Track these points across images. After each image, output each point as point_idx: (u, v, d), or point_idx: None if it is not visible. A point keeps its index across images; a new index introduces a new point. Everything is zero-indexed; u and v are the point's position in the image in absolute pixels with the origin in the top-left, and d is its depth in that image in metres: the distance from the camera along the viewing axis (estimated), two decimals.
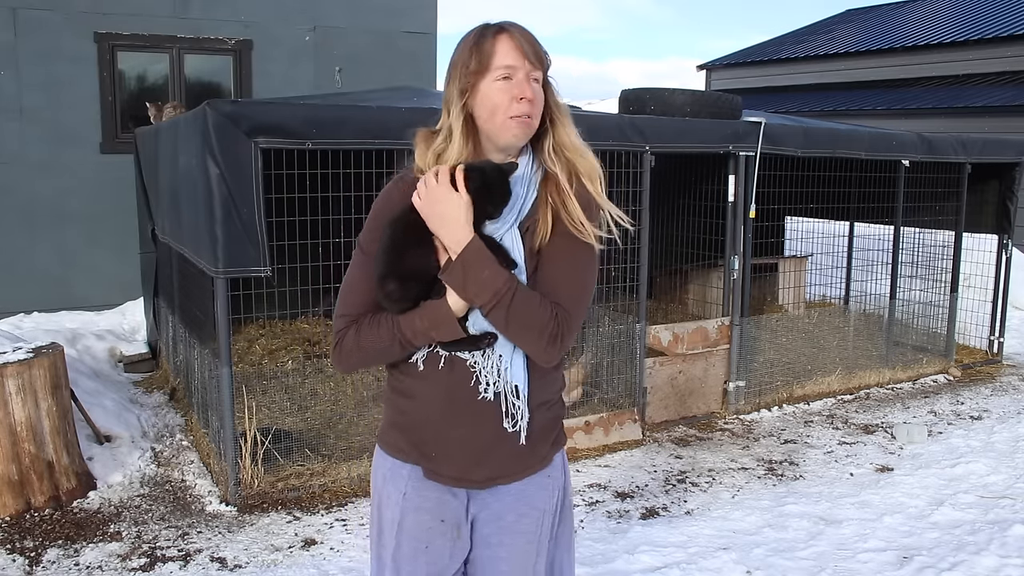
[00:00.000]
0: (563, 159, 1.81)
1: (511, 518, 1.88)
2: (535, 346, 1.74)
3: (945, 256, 7.29)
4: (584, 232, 1.77)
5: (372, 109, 4.38)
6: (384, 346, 1.77)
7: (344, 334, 1.80)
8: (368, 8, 8.81)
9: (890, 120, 14.30)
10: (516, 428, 1.81)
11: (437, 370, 1.79)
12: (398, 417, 1.88)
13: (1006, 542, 3.94)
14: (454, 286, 1.70)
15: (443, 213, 1.69)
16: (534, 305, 1.71)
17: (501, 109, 1.73)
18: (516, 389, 1.79)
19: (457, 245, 1.69)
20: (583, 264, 1.80)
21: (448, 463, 1.82)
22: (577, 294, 1.79)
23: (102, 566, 3.61)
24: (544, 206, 1.78)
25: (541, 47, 1.75)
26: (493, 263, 1.69)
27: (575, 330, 1.78)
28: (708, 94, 5.98)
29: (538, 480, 1.90)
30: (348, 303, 1.82)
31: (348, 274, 1.84)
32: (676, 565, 3.66)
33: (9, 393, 3.96)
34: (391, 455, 1.89)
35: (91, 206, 7.79)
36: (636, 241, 5.28)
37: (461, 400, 1.79)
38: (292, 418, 5.29)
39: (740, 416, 5.79)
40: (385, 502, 1.90)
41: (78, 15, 7.68)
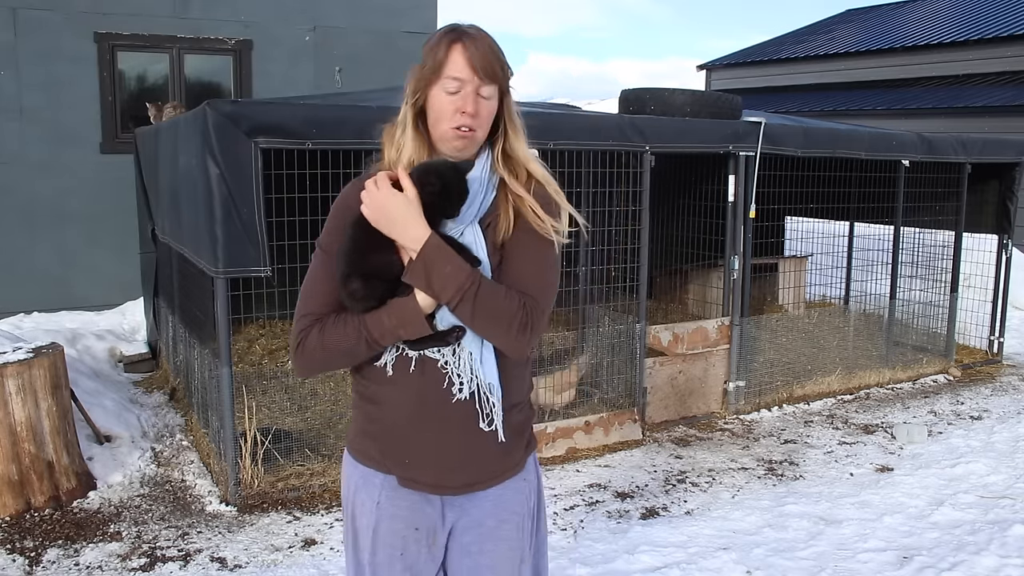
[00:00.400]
0: (515, 165, 1.84)
1: (491, 524, 1.87)
2: (505, 337, 1.73)
3: (945, 256, 7.29)
4: (547, 226, 1.79)
5: (372, 109, 4.38)
6: (349, 346, 1.74)
7: (307, 334, 1.77)
8: (368, 8, 8.81)
9: (890, 120, 14.30)
10: (492, 427, 1.80)
11: (408, 374, 1.78)
12: (368, 425, 1.86)
13: (1006, 542, 3.94)
14: (418, 284, 1.70)
15: (391, 215, 1.69)
16: (500, 296, 1.71)
17: (444, 118, 1.76)
18: (490, 386, 1.78)
19: (415, 243, 1.69)
20: (546, 256, 1.81)
21: (423, 470, 1.81)
22: (543, 284, 1.79)
23: (102, 566, 3.61)
24: (505, 203, 1.80)
25: (498, 60, 1.76)
26: (455, 258, 1.69)
27: (543, 320, 1.78)
28: (708, 94, 5.98)
29: (515, 484, 1.90)
30: (310, 303, 1.80)
31: (309, 274, 1.83)
32: (676, 565, 3.66)
33: (9, 393, 3.96)
34: (362, 463, 1.87)
35: (91, 206, 7.79)
36: (636, 241, 5.28)
37: (432, 404, 1.78)
38: (292, 418, 5.29)
39: (740, 416, 5.79)
40: (359, 510, 1.88)
41: (78, 15, 7.68)
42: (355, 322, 1.74)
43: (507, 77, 1.80)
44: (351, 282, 1.73)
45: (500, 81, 1.77)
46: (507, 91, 1.82)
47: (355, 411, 1.91)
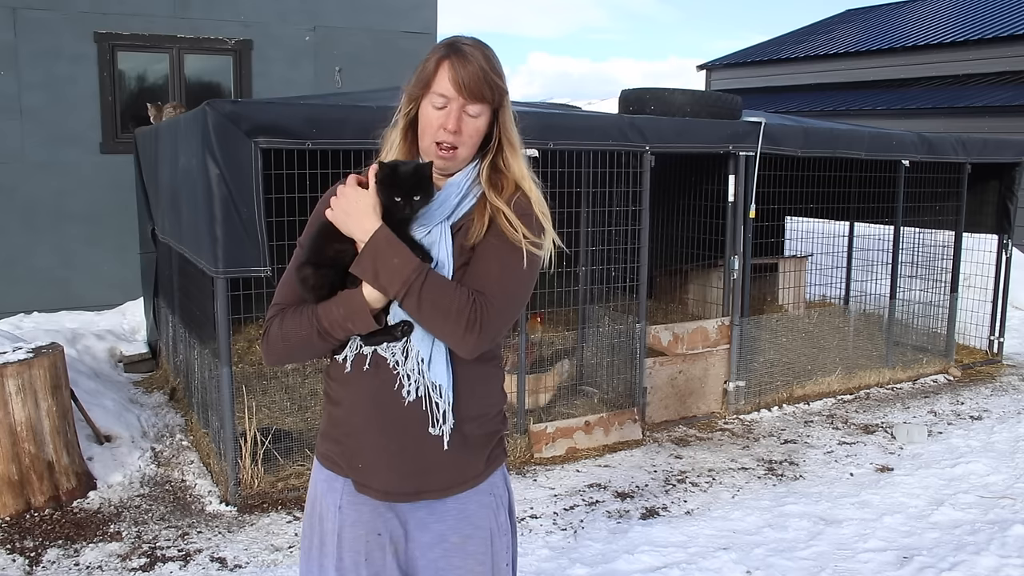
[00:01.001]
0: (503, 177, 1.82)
1: (455, 539, 1.85)
2: (453, 333, 1.71)
3: (945, 256, 7.29)
4: (518, 235, 1.76)
5: (372, 109, 4.38)
6: (304, 335, 1.76)
7: (271, 323, 1.82)
8: (368, 8, 8.81)
9: (890, 120, 14.30)
10: (439, 431, 1.77)
11: (362, 373, 1.78)
12: (330, 428, 1.86)
13: (1006, 542, 3.94)
14: (365, 276, 1.70)
15: (347, 208, 1.72)
16: (448, 290, 1.70)
17: (429, 132, 1.78)
18: (439, 389, 1.76)
19: (364, 234, 1.70)
20: (512, 263, 1.77)
21: (375, 476, 1.80)
22: (502, 287, 1.75)
23: (102, 566, 3.61)
24: (481, 211, 1.80)
25: (486, 81, 1.75)
26: (402, 251, 1.69)
27: (497, 320, 1.74)
28: (708, 94, 5.98)
29: (477, 498, 1.86)
30: (280, 294, 1.85)
31: (287, 268, 1.87)
32: (676, 565, 3.66)
33: (9, 393, 3.96)
34: (326, 467, 1.87)
35: (91, 206, 7.79)
36: (636, 241, 5.28)
37: (385, 406, 1.77)
38: (292, 418, 5.29)
39: (740, 416, 5.79)
40: (325, 513, 1.87)
41: (78, 15, 7.68)
42: (309, 312, 1.76)
43: (499, 95, 1.79)
44: (304, 269, 1.77)
45: (489, 100, 1.77)
46: (502, 108, 1.81)
47: (324, 414, 1.92)
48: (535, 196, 1.84)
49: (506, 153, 1.83)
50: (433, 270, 1.72)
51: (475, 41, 1.80)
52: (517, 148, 1.84)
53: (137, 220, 7.05)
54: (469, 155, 1.81)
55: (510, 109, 1.84)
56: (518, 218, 1.78)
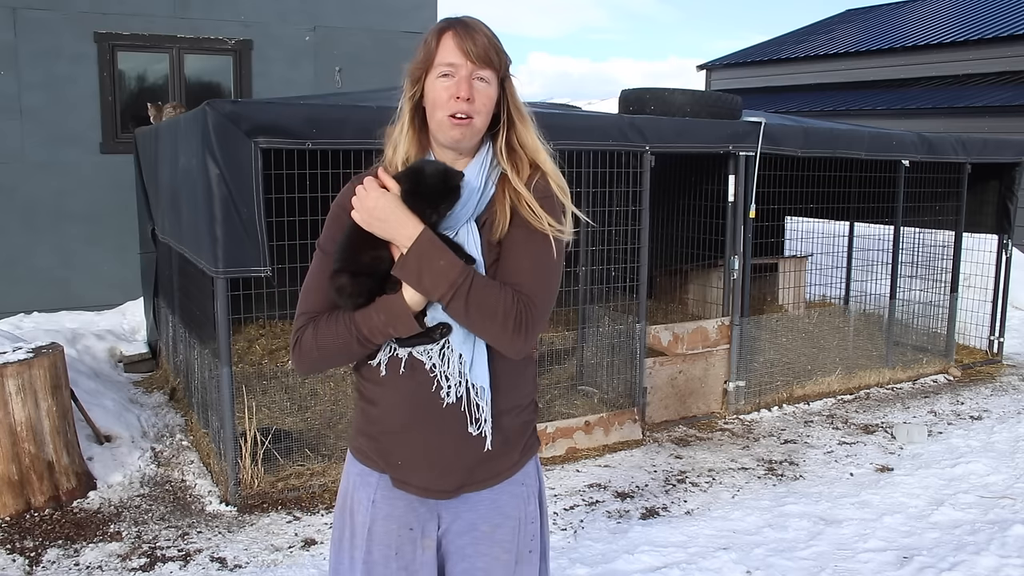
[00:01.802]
0: (520, 157, 1.80)
1: (485, 528, 1.85)
2: (501, 335, 1.69)
3: (945, 256, 7.29)
4: (543, 223, 1.75)
5: (372, 109, 4.38)
6: (341, 343, 1.74)
7: (302, 332, 1.78)
8: (368, 8, 8.81)
9: (890, 120, 14.30)
10: (480, 432, 1.77)
11: (398, 375, 1.76)
12: (366, 425, 1.85)
13: (1006, 542, 3.94)
14: (409, 280, 1.67)
15: (382, 216, 1.68)
16: (494, 292, 1.67)
17: (439, 106, 1.72)
18: (479, 390, 1.75)
19: (408, 240, 1.67)
20: (543, 253, 1.75)
21: (414, 473, 1.79)
22: (539, 282, 1.74)
23: (102, 566, 3.61)
24: (502, 200, 1.77)
25: (492, 47, 1.73)
26: (447, 254, 1.66)
27: (541, 318, 1.74)
28: (708, 94, 5.98)
29: (510, 488, 1.87)
30: (308, 302, 1.80)
31: (308, 274, 1.82)
32: (676, 565, 3.66)
33: (9, 393, 3.96)
34: (360, 461, 1.87)
35: (91, 206, 7.79)
36: (636, 241, 5.28)
37: (423, 407, 1.76)
38: (292, 418, 5.29)
39: (740, 416, 5.79)
40: (356, 507, 1.87)
41: (78, 15, 7.68)
42: (346, 320, 1.73)
43: (504, 63, 1.76)
44: (339, 277, 1.73)
45: (496, 66, 1.74)
46: (507, 78, 1.78)
47: (356, 410, 1.91)
48: (551, 170, 1.82)
49: (518, 127, 1.80)
50: (478, 273, 1.70)
51: (467, 16, 1.78)
52: (528, 119, 1.81)
53: (137, 220, 7.05)
54: (484, 125, 1.77)
55: (514, 80, 1.81)
56: (539, 202, 1.76)
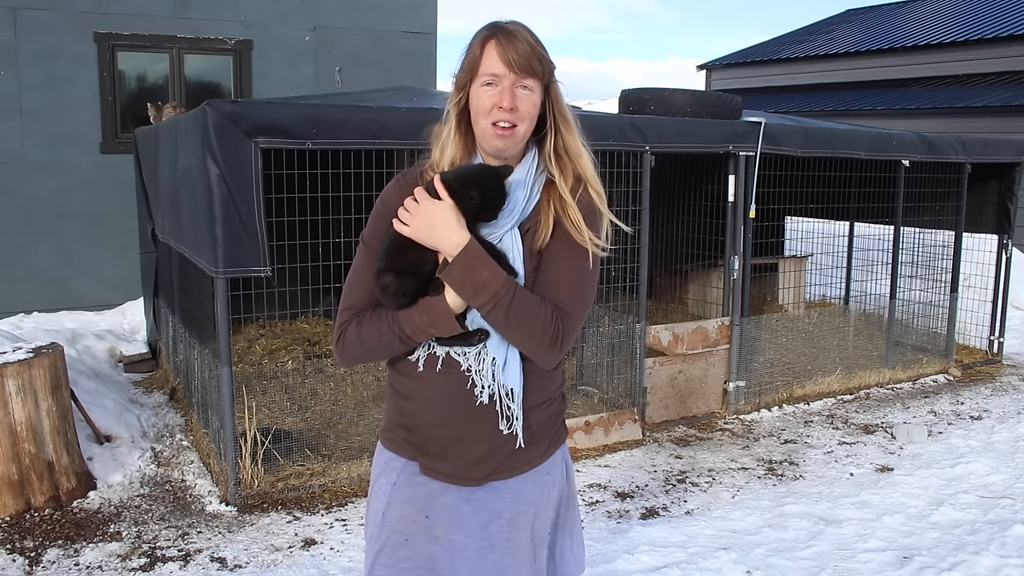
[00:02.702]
0: (566, 163, 1.83)
1: (508, 515, 1.89)
2: (536, 348, 1.75)
3: (945, 256, 7.29)
4: (584, 238, 1.78)
5: (372, 109, 4.39)
6: (384, 341, 1.79)
7: (346, 328, 1.83)
8: (368, 8, 8.81)
9: (890, 120, 14.30)
10: (511, 431, 1.82)
11: (435, 372, 1.81)
12: (400, 418, 1.90)
13: (1006, 542, 3.94)
14: (453, 285, 1.72)
15: (432, 224, 1.71)
16: (534, 307, 1.73)
17: (483, 114, 1.76)
18: (511, 392, 1.79)
19: (455, 249, 1.70)
20: (583, 269, 1.80)
21: (446, 462, 1.84)
22: (577, 298, 1.79)
23: (102, 566, 3.61)
24: (546, 209, 1.80)
25: (536, 55, 1.74)
26: (491, 264, 1.70)
27: (575, 333, 1.79)
28: (708, 94, 5.98)
29: (535, 477, 1.91)
30: (352, 297, 1.84)
31: (352, 269, 1.87)
32: (676, 565, 3.66)
33: (9, 393, 3.96)
34: (388, 448, 1.92)
35: (91, 206, 7.79)
36: (636, 241, 5.28)
37: (458, 403, 1.81)
38: (292, 418, 5.29)
39: (740, 416, 5.79)
40: (376, 494, 1.92)
41: (78, 15, 7.68)
42: (389, 318, 1.78)
43: (548, 69, 1.78)
44: (384, 277, 1.77)
45: (540, 74, 1.76)
46: (552, 83, 1.80)
47: (388, 403, 1.95)
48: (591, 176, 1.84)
49: (563, 133, 1.83)
50: (519, 286, 1.73)
51: (512, 21, 1.79)
52: (572, 125, 1.84)
53: (137, 220, 7.05)
54: (528, 132, 1.79)
55: (559, 85, 1.83)
56: (584, 218, 1.79)
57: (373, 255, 1.81)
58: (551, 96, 1.81)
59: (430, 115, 4.44)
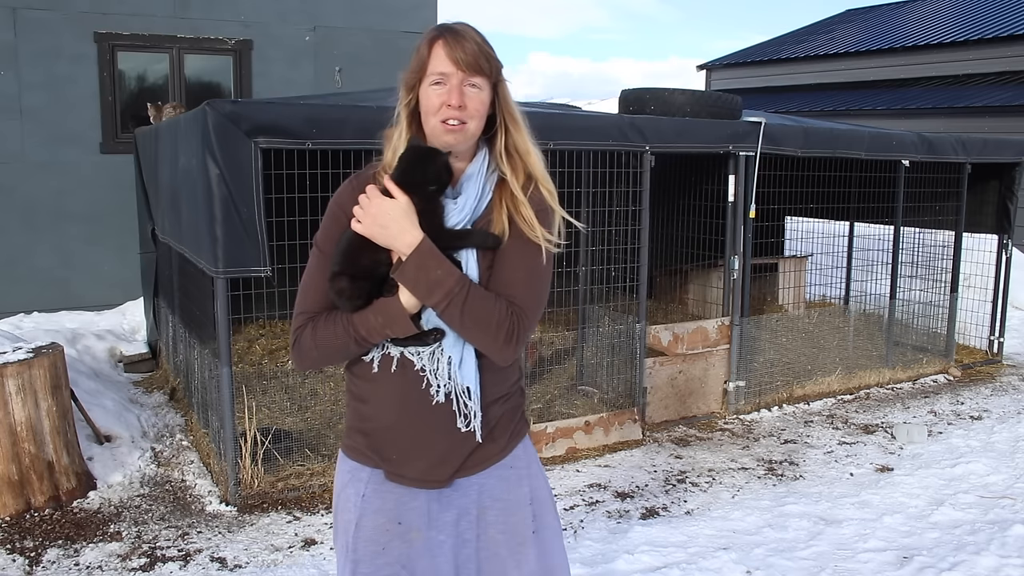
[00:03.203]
0: (516, 162, 1.85)
1: (476, 512, 1.90)
2: (492, 345, 1.76)
3: (945, 256, 7.29)
4: (537, 234, 1.80)
5: (372, 109, 4.38)
6: (340, 343, 1.78)
7: (301, 332, 1.82)
8: (368, 8, 8.81)
9: (890, 120, 14.30)
10: (470, 428, 1.83)
11: (390, 373, 1.81)
12: (358, 422, 1.89)
13: (1006, 542, 3.94)
14: (407, 284, 1.72)
15: (384, 224, 1.71)
16: (489, 303, 1.73)
17: (432, 113, 1.77)
18: (468, 391, 1.80)
19: (407, 248, 1.71)
20: (537, 266, 1.81)
21: (409, 465, 1.84)
22: (532, 294, 1.80)
23: (102, 566, 3.61)
24: (499, 208, 1.81)
25: (484, 53, 1.77)
26: (445, 263, 1.71)
27: (530, 329, 1.80)
28: (708, 94, 5.98)
29: (498, 472, 1.92)
30: (306, 301, 1.84)
31: (306, 273, 1.86)
32: (676, 565, 3.66)
33: (9, 393, 3.96)
34: (351, 458, 1.91)
35: (91, 206, 7.79)
36: (636, 241, 5.28)
37: (414, 403, 1.81)
38: (292, 418, 5.29)
39: (740, 416, 5.79)
40: (343, 505, 1.91)
41: (78, 15, 7.68)
42: (344, 321, 1.77)
43: (496, 68, 1.79)
44: (339, 280, 1.76)
45: (487, 72, 1.77)
46: (500, 82, 1.82)
47: (348, 409, 1.95)
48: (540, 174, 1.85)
49: (512, 132, 1.84)
50: (474, 283, 1.74)
51: (460, 22, 1.81)
52: (521, 123, 1.85)
53: (137, 220, 7.06)
54: (478, 130, 1.81)
55: (507, 84, 1.84)
56: (536, 215, 1.80)
57: (326, 258, 1.80)
58: (500, 95, 1.82)
59: None
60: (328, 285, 1.78)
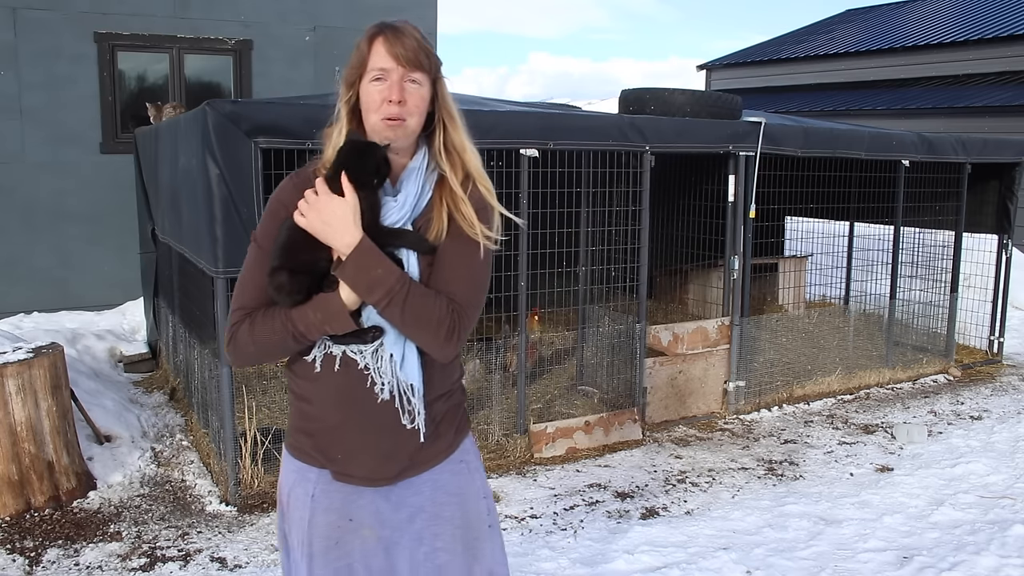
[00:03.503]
0: (455, 159, 1.85)
1: (432, 509, 1.91)
2: (432, 342, 1.77)
3: (945, 256, 7.29)
4: (476, 231, 1.81)
5: None
6: (278, 339, 1.77)
7: (238, 328, 1.80)
8: (368, 8, 8.81)
9: (890, 120, 14.30)
10: (414, 425, 1.84)
11: (333, 372, 1.81)
12: (302, 422, 1.89)
13: (1006, 542, 3.94)
14: (347, 282, 1.72)
15: (327, 221, 1.71)
16: (429, 301, 1.74)
17: (373, 109, 1.78)
18: (411, 387, 1.82)
19: (347, 248, 1.71)
20: (476, 263, 1.82)
21: (355, 465, 1.84)
22: (472, 291, 1.81)
23: (102, 566, 3.61)
24: (439, 206, 1.82)
25: (423, 49, 1.79)
26: (385, 261, 1.72)
27: (471, 326, 1.81)
28: (708, 94, 5.98)
29: (450, 467, 1.93)
30: (243, 297, 1.83)
31: (244, 268, 1.85)
32: (676, 565, 3.66)
33: (9, 393, 3.96)
34: (297, 458, 1.90)
35: (91, 206, 7.79)
36: (636, 241, 5.28)
37: (358, 402, 1.81)
38: None
39: (740, 416, 5.79)
40: (294, 503, 1.90)
41: (78, 15, 7.68)
42: (283, 316, 1.77)
43: (435, 64, 1.81)
44: (278, 275, 1.76)
45: (427, 69, 1.79)
46: (439, 79, 1.84)
47: (291, 409, 1.94)
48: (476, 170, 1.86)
49: (449, 129, 1.85)
50: (414, 281, 1.75)
51: (400, 20, 1.84)
52: (458, 120, 1.87)
53: (137, 220, 7.05)
54: (418, 126, 1.82)
55: (445, 81, 1.86)
56: (476, 213, 1.82)
57: (265, 254, 1.80)
58: (438, 92, 1.84)
59: None
60: (267, 280, 1.78)
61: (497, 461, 4.77)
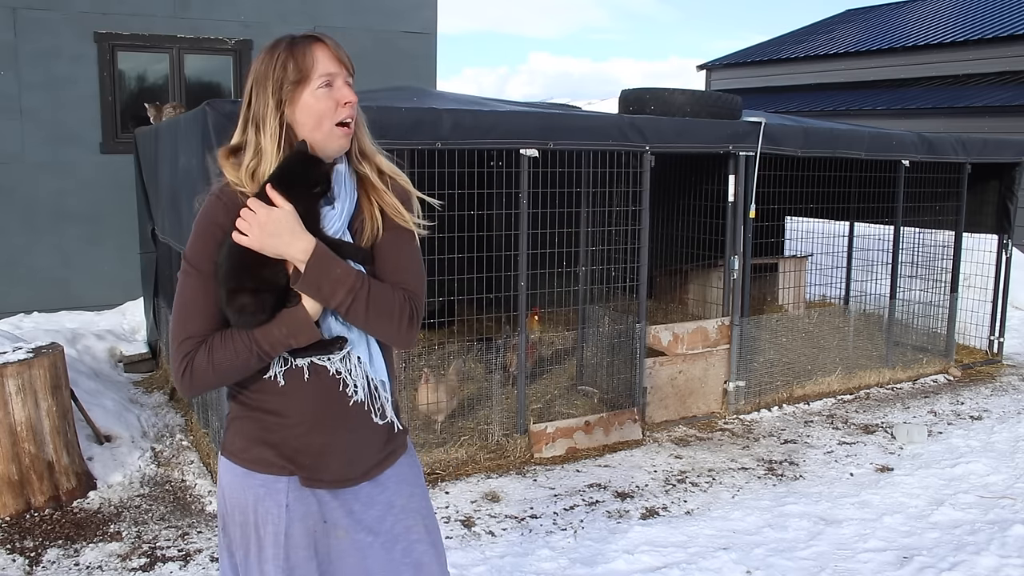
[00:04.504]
0: (369, 158, 1.89)
1: (402, 501, 1.95)
2: (396, 332, 1.82)
3: (945, 256, 7.29)
4: (406, 219, 1.86)
5: (372, 109, 4.37)
6: (240, 362, 1.73)
7: (192, 357, 1.74)
8: (368, 8, 8.81)
9: (890, 120, 14.30)
10: (387, 420, 1.90)
11: (303, 383, 1.80)
12: (265, 434, 1.84)
13: (1006, 542, 3.94)
14: (310, 292, 1.72)
15: (275, 232, 1.69)
16: (387, 292, 1.79)
17: (327, 116, 1.77)
18: (383, 383, 1.87)
19: (304, 254, 1.70)
20: (414, 249, 1.89)
21: (325, 469, 1.85)
22: (418, 276, 1.88)
23: (102, 566, 3.61)
24: (368, 204, 1.84)
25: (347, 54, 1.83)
26: (340, 261, 1.74)
27: (423, 309, 1.88)
28: (708, 94, 5.98)
29: (407, 460, 2.00)
30: (190, 325, 1.75)
31: (182, 295, 1.78)
32: (676, 565, 3.66)
33: (9, 393, 3.96)
34: (262, 472, 1.84)
35: (91, 206, 7.79)
36: (636, 241, 5.28)
37: (333, 407, 1.83)
38: None
39: (740, 416, 5.79)
40: (263, 518, 1.85)
41: (78, 15, 7.68)
42: (244, 337, 1.73)
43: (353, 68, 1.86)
44: (240, 297, 1.71)
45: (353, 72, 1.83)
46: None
47: (242, 423, 1.87)
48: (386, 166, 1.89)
49: (359, 132, 1.88)
50: (369, 276, 1.78)
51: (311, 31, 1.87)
52: (363, 124, 1.91)
53: (137, 220, 7.05)
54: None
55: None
56: (402, 203, 1.86)
57: (206, 278, 1.74)
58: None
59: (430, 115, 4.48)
60: (225, 304, 1.73)
61: (497, 461, 4.77)
